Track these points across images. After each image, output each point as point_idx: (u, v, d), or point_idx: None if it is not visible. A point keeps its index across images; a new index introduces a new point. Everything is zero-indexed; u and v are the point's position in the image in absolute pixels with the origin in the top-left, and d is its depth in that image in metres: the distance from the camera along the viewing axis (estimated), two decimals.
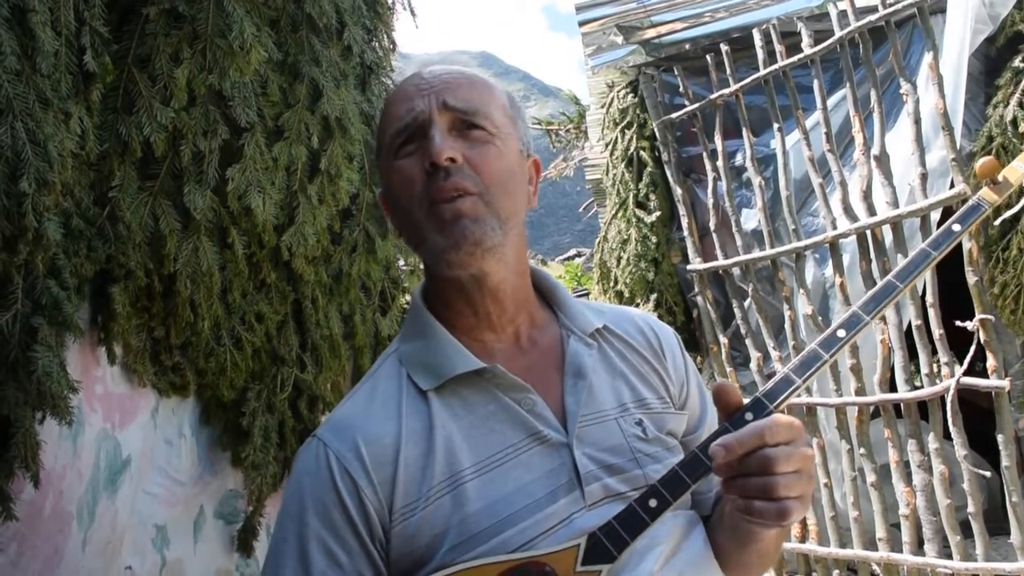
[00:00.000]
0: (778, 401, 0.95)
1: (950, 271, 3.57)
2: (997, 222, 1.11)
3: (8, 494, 1.71)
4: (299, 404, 2.91)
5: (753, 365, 4.14)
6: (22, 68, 1.70)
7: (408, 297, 3.77)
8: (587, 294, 9.89)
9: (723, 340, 4.36)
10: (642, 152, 4.70)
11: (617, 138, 4.84)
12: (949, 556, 3.40)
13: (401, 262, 3.76)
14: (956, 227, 1.12)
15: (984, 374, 3.32)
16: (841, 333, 1.01)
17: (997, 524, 3.67)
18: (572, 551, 0.92)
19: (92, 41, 1.91)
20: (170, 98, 2.15)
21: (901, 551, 3.54)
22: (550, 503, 0.97)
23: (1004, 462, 3.25)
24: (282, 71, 2.56)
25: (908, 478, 3.55)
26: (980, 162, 1.17)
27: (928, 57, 3.51)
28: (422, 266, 3.42)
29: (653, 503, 0.92)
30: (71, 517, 2.02)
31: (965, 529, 3.39)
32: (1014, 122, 3.63)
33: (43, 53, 1.75)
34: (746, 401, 0.96)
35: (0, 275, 1.68)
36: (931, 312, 3.42)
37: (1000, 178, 1.17)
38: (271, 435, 2.72)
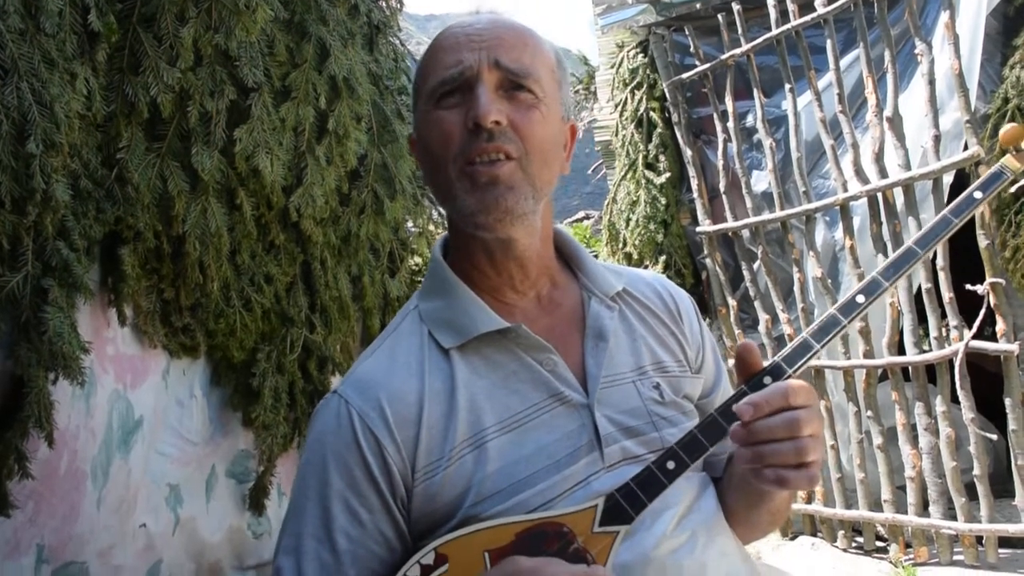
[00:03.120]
0: (797, 366, 0.95)
1: (961, 235, 3.55)
2: (1013, 188, 1.10)
3: (24, 453, 1.73)
4: (309, 365, 2.93)
5: (762, 327, 4.14)
6: (26, 27, 1.68)
7: (416, 259, 3.77)
8: (595, 256, 9.87)
9: (732, 302, 4.35)
10: (652, 113, 4.66)
11: (627, 99, 4.79)
12: (954, 518, 3.42)
13: (410, 224, 3.76)
14: (977, 194, 1.09)
15: (993, 338, 3.31)
16: (860, 299, 1.00)
17: (1002, 486, 3.70)
18: (590, 512, 0.92)
19: (96, 0, 1.89)
20: (176, 58, 2.13)
21: (906, 512, 3.57)
22: (570, 464, 0.97)
23: (1011, 425, 3.25)
24: (289, 30, 2.53)
25: (914, 441, 3.56)
26: (1004, 129, 1.15)
27: (944, 16, 3.45)
28: (433, 225, 3.39)
29: (671, 465, 0.93)
30: (86, 476, 2.05)
31: (970, 491, 3.42)
32: None
33: (47, 12, 1.74)
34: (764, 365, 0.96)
35: (10, 237, 1.68)
36: (941, 275, 3.40)
37: None
38: (281, 396, 2.74)
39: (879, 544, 3.76)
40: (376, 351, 1.07)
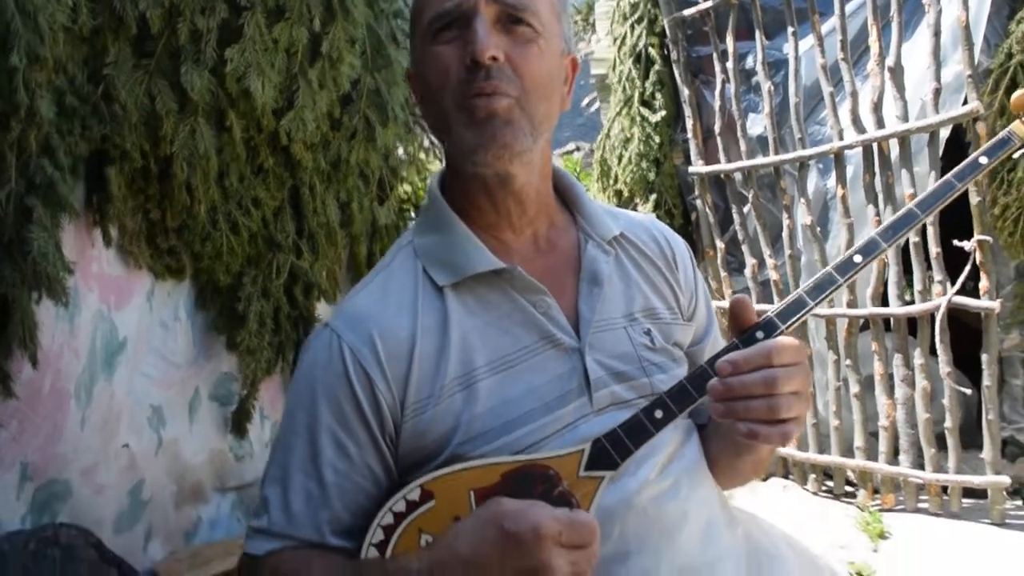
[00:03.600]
0: (790, 322, 0.95)
1: None
2: (1017, 155, 1.09)
3: (7, 372, 1.73)
4: (295, 290, 2.92)
5: (748, 271, 4.14)
6: None
7: (406, 187, 3.73)
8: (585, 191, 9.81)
9: (720, 245, 4.35)
10: (651, 49, 4.56)
11: (626, 33, 4.68)
12: (922, 467, 3.51)
13: (400, 151, 3.70)
14: (983, 159, 1.08)
15: (975, 294, 3.34)
16: (857, 258, 1.00)
17: (970, 438, 3.77)
18: (576, 456, 0.93)
19: None
20: None
21: (876, 460, 3.65)
22: (559, 407, 0.98)
23: (985, 381, 3.31)
24: None
25: (891, 391, 3.62)
26: (1017, 95, 1.13)
27: None
28: (424, 153, 3.33)
29: (659, 414, 0.93)
30: (69, 396, 2.05)
31: (939, 441, 3.49)
32: None
33: None
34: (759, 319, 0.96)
35: None
36: (930, 230, 3.41)
37: None
38: (266, 321, 2.74)
39: (848, 489, 3.86)
40: (368, 285, 1.06)
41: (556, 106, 1.05)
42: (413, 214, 3.83)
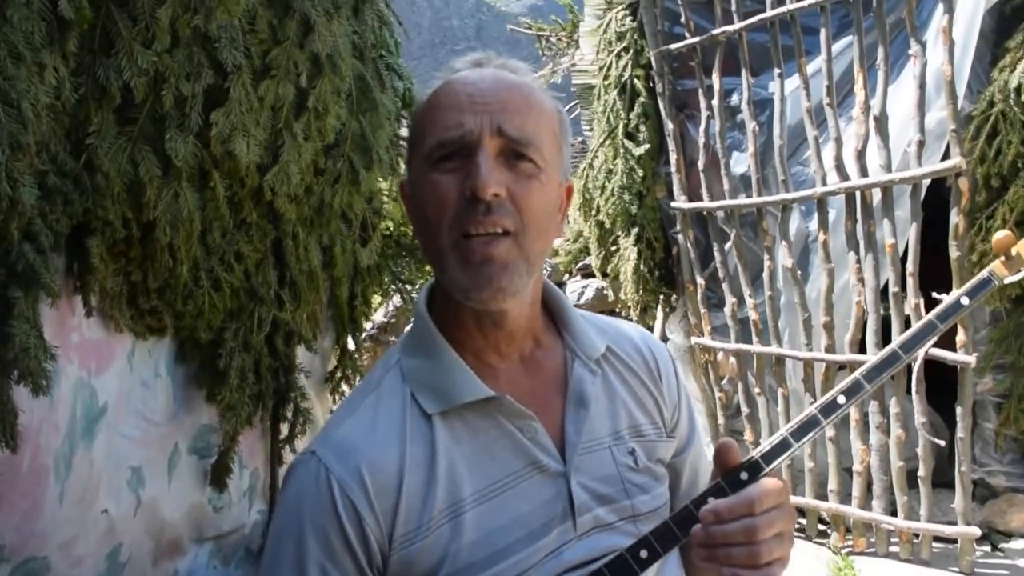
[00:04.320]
0: (774, 464, 0.97)
1: (932, 240, 3.59)
2: (1006, 281, 1.12)
3: None
4: (275, 340, 2.89)
5: (728, 309, 4.16)
6: None
7: (388, 223, 3.71)
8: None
9: (700, 280, 4.36)
10: (636, 80, 4.54)
11: (611, 63, 4.66)
12: (894, 512, 3.56)
13: (383, 184, 3.67)
14: (965, 300, 1.13)
15: (952, 344, 3.38)
16: (841, 400, 1.02)
17: (941, 475, 3.81)
18: None
19: None
20: (152, 40, 2.02)
21: (850, 501, 3.69)
22: (544, 534, 0.99)
23: (959, 433, 3.37)
24: (272, 5, 2.40)
25: (866, 435, 3.66)
26: (997, 236, 1.16)
27: (942, 17, 3.39)
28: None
29: (644, 554, 0.95)
30: (48, 471, 2.02)
31: (911, 478, 3.54)
32: (1018, 89, 3.55)
33: (14, 3, 1.62)
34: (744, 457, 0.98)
35: None
36: (910, 281, 3.45)
37: (1014, 253, 1.16)
38: (247, 375, 2.71)
39: (821, 528, 3.91)
40: (357, 410, 1.05)
41: (552, 239, 1.05)
42: (395, 248, 3.81)
